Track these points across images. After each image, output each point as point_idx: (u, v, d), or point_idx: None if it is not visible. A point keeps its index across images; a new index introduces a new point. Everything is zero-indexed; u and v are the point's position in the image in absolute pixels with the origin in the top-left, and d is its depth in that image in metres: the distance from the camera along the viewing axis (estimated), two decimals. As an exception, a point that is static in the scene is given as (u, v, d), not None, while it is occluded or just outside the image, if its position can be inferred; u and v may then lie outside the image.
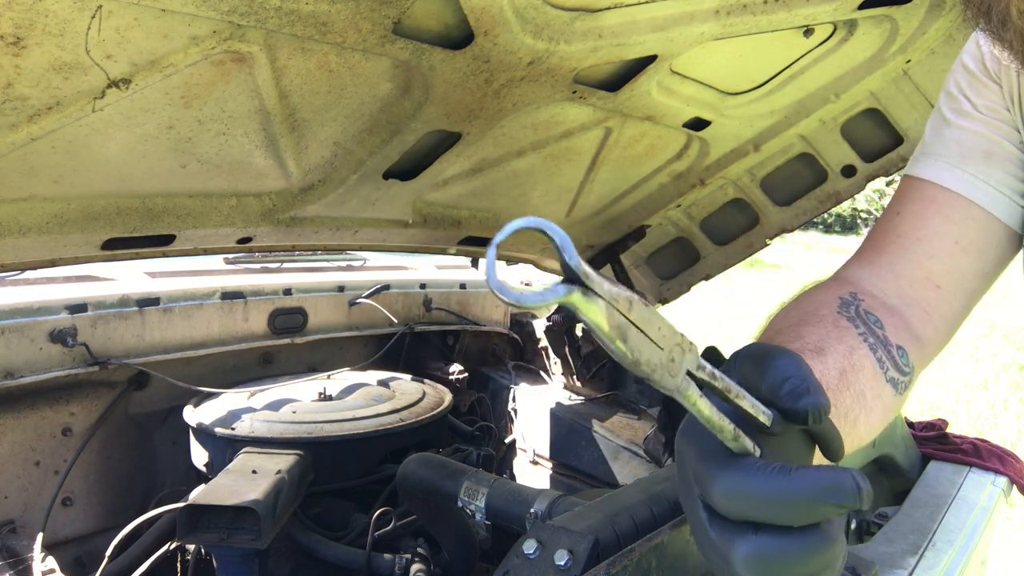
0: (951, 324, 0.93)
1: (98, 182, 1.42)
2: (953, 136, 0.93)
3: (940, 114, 0.96)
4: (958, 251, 0.90)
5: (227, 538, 1.55)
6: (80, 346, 1.93)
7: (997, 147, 0.90)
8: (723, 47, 1.65)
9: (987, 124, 0.90)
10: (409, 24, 1.29)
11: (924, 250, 0.91)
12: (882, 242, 0.95)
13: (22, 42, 1.01)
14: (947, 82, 0.96)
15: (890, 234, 0.94)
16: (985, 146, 0.90)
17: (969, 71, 0.92)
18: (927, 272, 0.91)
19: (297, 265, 2.76)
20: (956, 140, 0.92)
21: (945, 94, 0.96)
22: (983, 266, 0.92)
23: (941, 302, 0.91)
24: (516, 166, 1.97)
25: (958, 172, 0.91)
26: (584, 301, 0.35)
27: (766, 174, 2.33)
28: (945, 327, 0.93)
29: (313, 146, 1.59)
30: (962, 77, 0.93)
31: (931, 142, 0.96)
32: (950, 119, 0.94)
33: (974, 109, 0.91)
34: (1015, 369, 7.75)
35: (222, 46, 1.18)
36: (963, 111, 0.92)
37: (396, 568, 1.72)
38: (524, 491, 1.62)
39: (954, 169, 0.91)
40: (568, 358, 2.82)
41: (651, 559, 0.99)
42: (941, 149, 0.93)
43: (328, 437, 1.91)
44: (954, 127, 0.93)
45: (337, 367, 2.54)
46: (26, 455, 1.96)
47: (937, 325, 0.91)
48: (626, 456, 2.37)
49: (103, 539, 1.94)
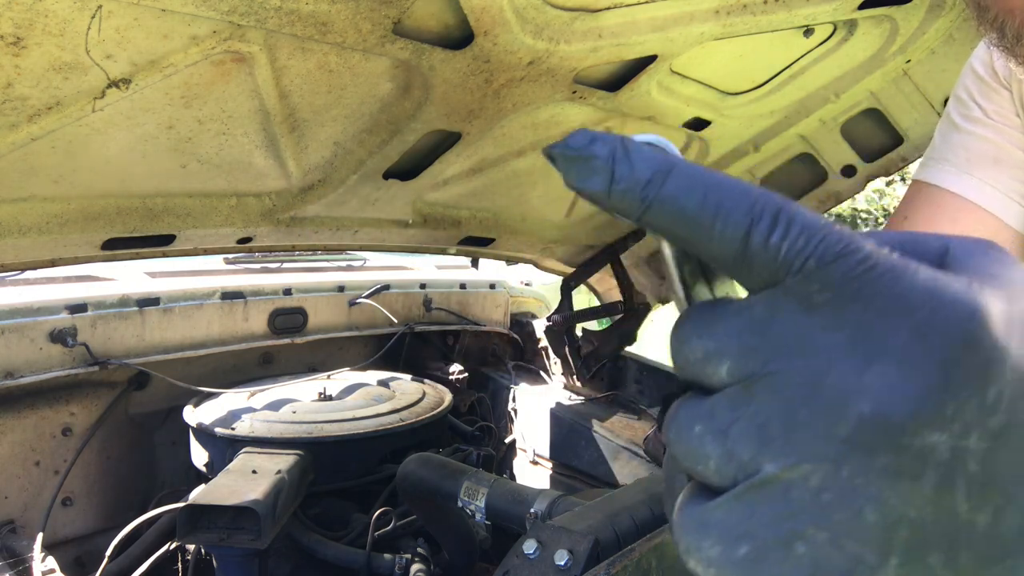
0: None
1: (98, 182, 1.42)
2: (962, 141, 0.93)
3: (949, 119, 0.96)
4: None
5: (227, 538, 1.55)
6: (80, 346, 1.93)
7: (1006, 153, 0.90)
8: (723, 47, 1.65)
9: (996, 130, 0.90)
10: (409, 24, 1.29)
11: None
12: None
13: (22, 42, 1.01)
14: (957, 87, 0.96)
15: None
16: (994, 152, 0.90)
17: (979, 76, 0.92)
18: None
19: (297, 265, 2.76)
20: (965, 145, 0.92)
21: (954, 99, 0.95)
22: None
23: None
24: (516, 166, 1.97)
25: (967, 177, 0.91)
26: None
27: (766, 174, 2.33)
28: None
29: (313, 146, 1.59)
30: (972, 82, 0.93)
31: (940, 147, 0.96)
32: (959, 124, 0.94)
33: (983, 114, 0.91)
34: (1015, 369, 7.75)
35: (222, 46, 1.18)
36: (972, 116, 0.92)
37: (396, 568, 1.72)
38: (524, 491, 1.62)
39: (963, 174, 0.91)
40: (568, 358, 2.82)
41: (651, 559, 0.99)
42: (949, 154, 0.93)
43: (328, 437, 1.91)
44: (963, 132, 0.93)
45: (337, 367, 2.54)
46: (26, 455, 1.96)
47: None
48: (626, 456, 2.36)
49: (103, 539, 1.94)
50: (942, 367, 0.26)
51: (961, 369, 0.26)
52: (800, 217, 0.26)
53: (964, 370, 0.26)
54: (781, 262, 0.26)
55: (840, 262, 0.26)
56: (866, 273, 0.26)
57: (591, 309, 2.85)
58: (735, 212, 0.26)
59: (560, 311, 2.79)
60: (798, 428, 0.26)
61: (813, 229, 0.26)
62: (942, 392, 0.26)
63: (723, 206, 0.26)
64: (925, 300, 0.26)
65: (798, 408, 0.26)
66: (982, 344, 0.26)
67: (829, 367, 0.26)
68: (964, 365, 0.26)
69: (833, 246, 0.26)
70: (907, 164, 2.12)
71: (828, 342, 0.26)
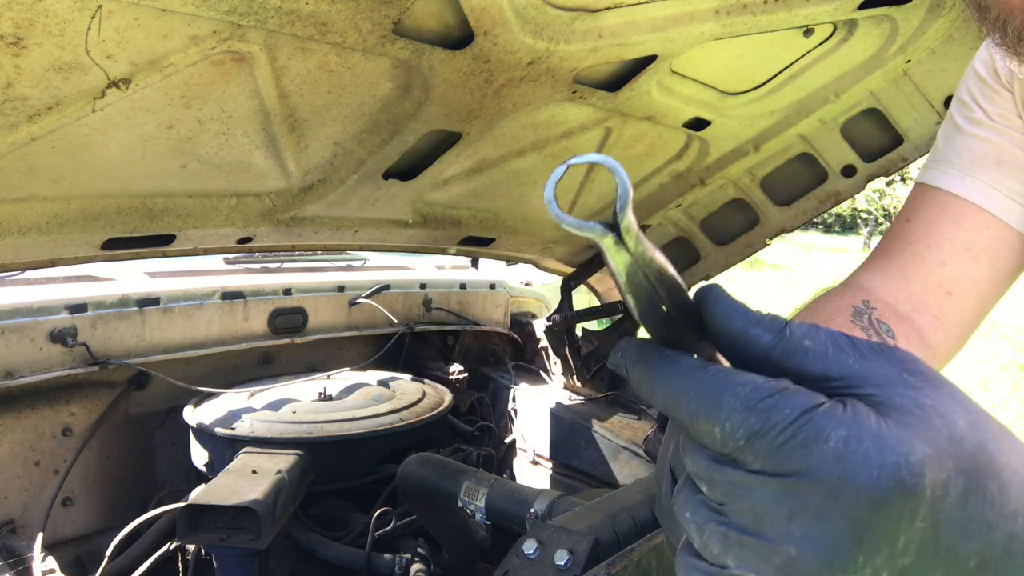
0: (963, 331, 0.93)
1: (98, 182, 1.42)
2: (965, 144, 0.93)
3: (952, 121, 0.96)
4: (970, 259, 0.90)
5: (227, 538, 1.55)
6: (80, 346, 1.93)
7: (1009, 155, 0.89)
8: (723, 47, 1.65)
9: (999, 132, 0.90)
10: (409, 24, 1.29)
11: (935, 257, 0.91)
12: (893, 248, 0.95)
13: (22, 42, 1.01)
14: (959, 89, 0.96)
15: (901, 240, 0.95)
16: (997, 154, 0.90)
17: (981, 78, 0.92)
18: (939, 279, 0.91)
19: (297, 265, 2.77)
20: (968, 148, 0.92)
21: (957, 101, 0.95)
22: (996, 274, 0.92)
23: (953, 309, 0.91)
24: (516, 166, 1.97)
25: (969, 180, 0.91)
26: (614, 249, 0.37)
27: (766, 174, 2.33)
28: (957, 334, 0.93)
29: (313, 146, 1.59)
30: (974, 84, 0.93)
31: (943, 149, 0.96)
32: (962, 126, 0.93)
33: (986, 117, 0.91)
34: (1015, 369, 7.75)
35: (222, 46, 1.18)
36: (975, 119, 0.92)
37: (396, 568, 1.72)
38: (524, 491, 1.62)
39: (966, 177, 0.91)
40: (568, 358, 2.82)
41: (651, 559, 0.99)
42: (952, 156, 0.93)
43: (328, 437, 1.91)
44: (966, 135, 0.93)
45: (337, 367, 2.54)
46: (26, 455, 1.96)
47: (949, 332, 0.91)
48: (626, 456, 2.36)
49: (103, 539, 1.94)
50: (855, 526, 0.32)
51: (871, 530, 0.32)
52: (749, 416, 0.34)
53: (874, 531, 0.32)
54: (725, 445, 0.35)
55: (761, 440, 0.33)
56: (783, 446, 0.33)
57: (591, 309, 2.85)
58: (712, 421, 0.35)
59: (560, 311, 2.79)
60: (747, 547, 0.34)
61: (750, 423, 0.34)
62: (854, 547, 0.32)
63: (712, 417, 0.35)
64: (835, 468, 0.32)
65: (747, 535, 0.34)
66: (891, 507, 0.31)
67: (765, 511, 0.34)
68: (874, 526, 0.32)
69: (755, 429, 0.33)
70: (907, 164, 2.12)
71: (764, 495, 0.34)
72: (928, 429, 0.33)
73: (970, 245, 0.90)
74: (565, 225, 0.36)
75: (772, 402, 0.33)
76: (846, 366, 0.36)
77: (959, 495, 0.33)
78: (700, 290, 0.40)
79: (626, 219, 0.36)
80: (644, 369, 0.39)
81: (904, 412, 0.33)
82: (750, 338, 0.38)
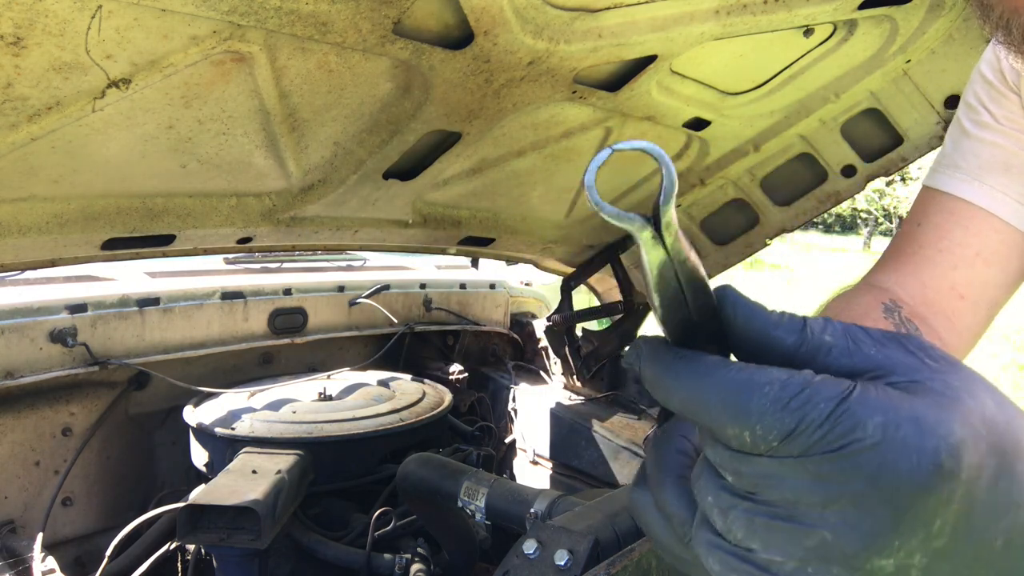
0: (974, 333, 0.94)
1: (98, 182, 1.42)
2: (972, 148, 0.92)
3: (959, 125, 0.95)
4: (980, 263, 0.91)
5: (227, 538, 1.55)
6: (80, 346, 1.93)
7: (1016, 158, 0.89)
8: (723, 47, 1.65)
9: (1006, 135, 0.90)
10: (409, 24, 1.29)
11: (947, 261, 0.91)
12: (906, 252, 0.95)
13: (22, 42, 1.01)
14: (966, 92, 0.95)
15: (913, 244, 0.95)
16: (1004, 157, 0.90)
17: (987, 81, 0.92)
18: (951, 282, 0.91)
19: (297, 265, 2.76)
20: (975, 152, 0.92)
21: (964, 104, 0.95)
22: (1006, 278, 0.92)
23: (965, 312, 0.91)
24: (516, 166, 1.97)
25: (977, 184, 0.91)
26: (651, 243, 0.36)
27: (766, 174, 2.33)
28: (968, 336, 0.93)
29: (313, 146, 1.59)
30: (980, 87, 0.93)
31: (950, 153, 0.95)
32: (969, 130, 0.93)
33: (993, 120, 0.91)
34: (1015, 369, 7.75)
35: (222, 46, 1.18)
36: (982, 122, 0.92)
37: (396, 568, 1.72)
38: (524, 491, 1.62)
39: (973, 181, 0.91)
40: (568, 358, 2.82)
41: (651, 559, 0.99)
42: (960, 161, 0.93)
43: (328, 437, 1.91)
44: (973, 138, 0.92)
45: (337, 367, 2.54)
46: (26, 455, 1.96)
47: (961, 334, 0.92)
48: (626, 456, 2.37)
49: (103, 539, 1.94)
50: (894, 511, 0.32)
51: (909, 514, 0.32)
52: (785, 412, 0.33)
53: (912, 515, 0.32)
54: (757, 447, 0.34)
55: (798, 439, 0.32)
56: (821, 440, 0.32)
57: (591, 309, 2.85)
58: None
59: (560, 311, 2.79)
60: (776, 531, 0.34)
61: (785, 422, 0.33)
62: (892, 531, 0.32)
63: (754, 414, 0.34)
64: (874, 456, 0.31)
65: (777, 520, 0.34)
66: (931, 492, 0.31)
67: (798, 499, 0.33)
68: (913, 511, 0.32)
69: (789, 428, 0.33)
70: (907, 164, 2.12)
71: (796, 484, 0.33)
72: (963, 410, 0.33)
73: (980, 250, 0.90)
74: (603, 214, 0.35)
75: (805, 397, 0.32)
76: (869, 357, 0.35)
77: (991, 476, 0.33)
78: (715, 291, 0.39)
79: (668, 213, 0.35)
80: (659, 369, 0.38)
81: (937, 394, 0.33)
82: (772, 340, 0.37)
